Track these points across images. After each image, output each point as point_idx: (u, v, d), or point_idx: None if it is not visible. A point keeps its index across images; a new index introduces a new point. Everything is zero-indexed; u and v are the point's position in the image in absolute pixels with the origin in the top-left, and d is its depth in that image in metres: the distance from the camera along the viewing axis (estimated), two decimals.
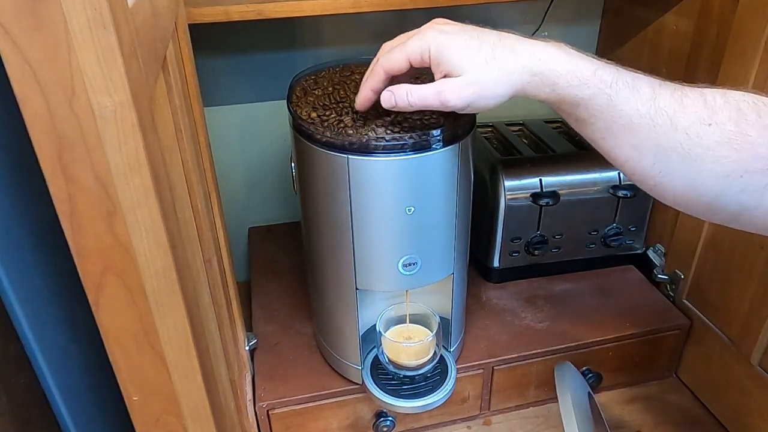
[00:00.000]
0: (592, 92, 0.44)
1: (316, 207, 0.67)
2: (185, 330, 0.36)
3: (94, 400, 0.48)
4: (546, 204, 0.86)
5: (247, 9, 0.68)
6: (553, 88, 0.45)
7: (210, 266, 0.58)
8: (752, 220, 0.44)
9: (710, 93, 0.43)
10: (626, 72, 0.45)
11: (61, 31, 0.26)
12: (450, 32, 0.48)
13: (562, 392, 0.61)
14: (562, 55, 0.45)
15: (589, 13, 1.06)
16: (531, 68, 0.45)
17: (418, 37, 0.49)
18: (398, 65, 0.51)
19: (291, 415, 0.78)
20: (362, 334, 0.74)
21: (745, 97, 0.42)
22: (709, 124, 0.42)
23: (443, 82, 0.47)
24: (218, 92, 0.97)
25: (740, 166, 0.41)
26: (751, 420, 0.80)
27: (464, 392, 0.83)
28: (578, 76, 0.44)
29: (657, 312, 0.89)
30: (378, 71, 0.53)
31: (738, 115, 0.41)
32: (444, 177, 0.62)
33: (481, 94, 0.47)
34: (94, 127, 0.28)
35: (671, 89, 0.44)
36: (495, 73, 0.46)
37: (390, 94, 0.51)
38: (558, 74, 0.45)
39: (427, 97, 0.48)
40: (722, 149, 0.41)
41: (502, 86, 0.46)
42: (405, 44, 0.49)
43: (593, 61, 0.45)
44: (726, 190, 0.42)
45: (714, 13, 0.79)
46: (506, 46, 0.46)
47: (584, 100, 0.45)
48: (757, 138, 0.41)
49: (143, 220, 0.32)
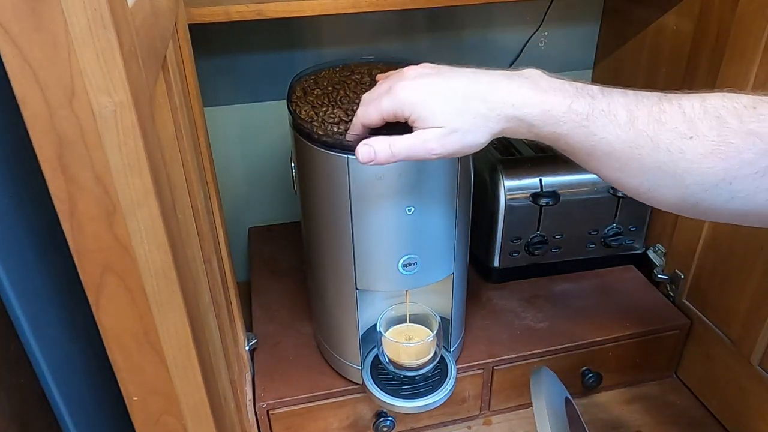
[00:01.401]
0: (569, 127, 0.44)
1: (316, 207, 0.67)
2: (185, 330, 0.36)
3: (94, 400, 0.48)
4: (546, 204, 0.86)
5: (247, 9, 0.68)
6: (530, 129, 0.46)
7: (210, 266, 0.58)
8: (748, 221, 0.44)
9: (688, 103, 0.42)
10: (602, 97, 0.44)
11: (61, 31, 0.26)
12: (420, 89, 0.47)
13: (537, 398, 0.61)
14: (536, 96, 0.45)
15: (589, 13, 1.06)
16: (505, 115, 0.46)
17: (389, 97, 0.48)
18: (373, 122, 0.51)
19: (291, 415, 0.78)
20: (362, 334, 0.74)
21: (724, 101, 0.41)
22: (690, 137, 0.41)
23: (426, 132, 0.47)
24: (218, 92, 0.97)
25: (728, 175, 0.41)
26: (751, 420, 0.80)
27: (464, 392, 0.83)
28: (553, 114, 0.44)
29: (657, 312, 0.89)
30: (356, 124, 0.53)
31: (719, 123, 0.41)
32: (444, 177, 0.62)
33: (462, 142, 0.47)
34: (94, 127, 0.29)
35: (649, 106, 0.43)
36: (470, 122, 0.46)
37: (368, 148, 0.49)
38: (533, 116, 0.45)
39: (413, 147, 0.47)
40: (707, 161, 0.41)
41: (480, 133, 0.47)
42: (379, 103, 0.49)
43: (568, 93, 0.45)
44: (717, 199, 0.42)
45: (714, 13, 0.79)
46: (477, 94, 0.46)
47: (563, 135, 0.45)
48: (741, 144, 0.40)
49: (143, 220, 0.32)
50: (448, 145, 0.47)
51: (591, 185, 0.88)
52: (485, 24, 1.02)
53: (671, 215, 0.91)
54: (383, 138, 0.49)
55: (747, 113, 0.40)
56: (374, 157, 0.49)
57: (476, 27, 1.02)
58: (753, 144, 0.40)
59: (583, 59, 1.09)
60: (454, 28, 1.01)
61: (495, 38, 1.03)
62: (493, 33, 1.04)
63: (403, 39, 1.00)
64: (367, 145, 0.49)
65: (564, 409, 0.63)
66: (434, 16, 1.00)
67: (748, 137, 0.40)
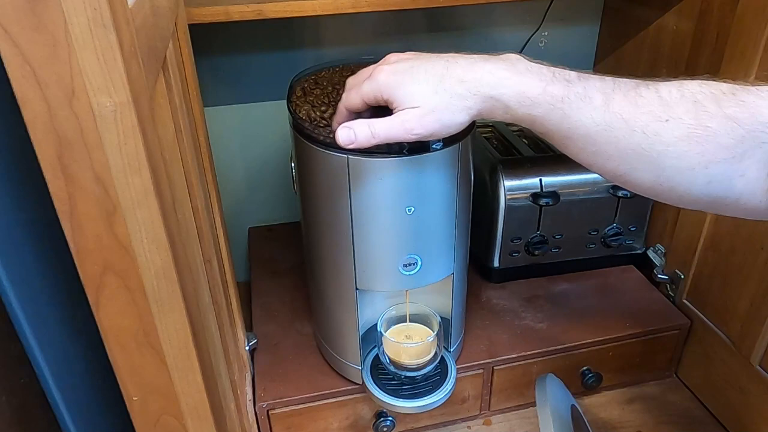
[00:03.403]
0: (545, 110, 0.45)
1: (316, 207, 0.67)
2: (185, 330, 0.36)
3: (94, 400, 0.48)
4: (546, 204, 0.86)
5: (247, 9, 0.68)
6: (506, 110, 0.47)
7: (210, 266, 0.58)
8: (727, 209, 0.44)
9: (665, 88, 0.42)
10: (578, 82, 0.45)
11: (61, 31, 0.26)
12: (398, 71, 0.49)
13: (542, 407, 0.61)
14: (512, 77, 0.46)
15: (589, 13, 1.06)
16: (481, 94, 0.46)
17: (369, 82, 0.50)
18: (356, 106, 0.52)
19: (291, 415, 0.78)
20: (362, 334, 0.74)
21: (702, 87, 0.41)
22: (666, 120, 0.41)
23: (405, 113, 0.48)
24: (218, 92, 0.97)
25: (704, 158, 0.41)
26: (751, 420, 0.80)
27: (464, 392, 0.83)
28: (528, 96, 0.45)
29: (657, 312, 0.89)
30: (341, 109, 0.54)
31: (696, 107, 0.41)
32: (444, 177, 0.62)
33: (441, 121, 0.48)
34: (94, 127, 0.29)
35: (625, 90, 0.43)
36: (446, 102, 0.47)
37: (348, 131, 0.50)
38: (508, 97, 0.46)
39: (392, 128, 0.48)
40: (683, 144, 0.41)
41: (458, 113, 0.48)
42: (360, 87, 0.51)
43: (544, 76, 0.45)
44: (693, 183, 0.42)
45: (714, 13, 0.79)
46: (453, 75, 0.47)
47: (539, 118, 0.46)
48: (717, 128, 0.40)
49: (143, 220, 0.32)
50: (427, 124, 0.48)
51: (591, 185, 0.88)
52: (485, 24, 1.02)
53: (671, 215, 0.91)
54: (363, 120, 0.50)
55: (725, 98, 0.41)
56: (354, 139, 0.50)
57: (476, 27, 1.02)
58: (731, 128, 0.40)
59: (583, 59, 1.09)
60: (454, 28, 1.01)
61: (495, 38, 1.03)
62: (493, 33, 1.04)
63: (403, 39, 1.00)
64: (346, 127, 0.50)
65: (570, 416, 0.62)
66: (434, 16, 1.00)
67: (726, 122, 0.40)
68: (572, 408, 0.65)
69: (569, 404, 0.65)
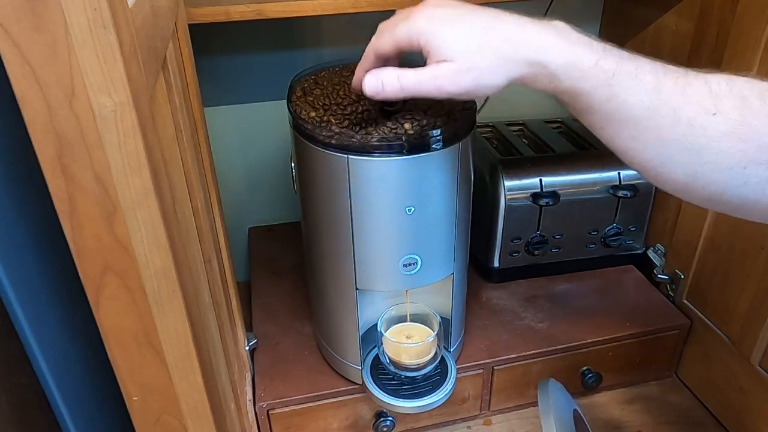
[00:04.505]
0: (593, 84, 0.42)
1: (316, 207, 0.66)
2: (185, 330, 0.36)
3: (94, 400, 0.48)
4: (546, 204, 0.86)
5: (247, 9, 0.68)
6: (551, 79, 0.43)
7: (210, 266, 0.58)
8: (753, 212, 0.43)
9: (714, 79, 0.41)
10: (629, 59, 0.42)
11: (61, 31, 0.26)
12: (440, 18, 0.44)
13: (545, 413, 0.60)
14: (562, 44, 0.42)
15: (589, 13, 1.06)
16: (528, 59, 0.43)
17: (406, 23, 0.46)
18: (387, 50, 0.48)
19: (291, 415, 0.78)
20: (362, 334, 0.74)
21: (749, 84, 0.40)
22: (714, 114, 0.40)
23: (438, 67, 0.44)
24: (218, 92, 0.97)
25: (744, 157, 0.40)
26: (751, 420, 0.80)
27: (464, 392, 0.83)
28: (579, 67, 0.42)
29: (657, 312, 0.89)
30: (369, 54, 0.50)
31: (742, 103, 0.39)
32: (444, 177, 0.62)
33: (478, 81, 0.44)
34: (94, 127, 0.29)
35: (675, 76, 0.41)
36: (489, 60, 0.43)
37: (375, 78, 0.46)
38: (557, 65, 0.42)
39: (423, 82, 0.45)
40: (726, 140, 0.39)
41: (498, 75, 0.44)
42: (394, 29, 0.46)
43: (595, 49, 0.42)
44: (728, 182, 0.41)
45: (714, 13, 0.79)
46: (501, 32, 0.43)
47: (585, 92, 0.42)
48: (760, 126, 0.39)
49: (143, 220, 0.32)
50: (462, 83, 0.44)
51: (591, 185, 0.88)
52: None
53: (671, 215, 0.91)
54: (392, 69, 0.46)
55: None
56: (381, 89, 0.46)
57: None
58: None
59: None
60: None
61: None
62: None
63: None
64: (374, 75, 0.46)
65: (572, 422, 0.62)
66: None
67: None
68: (574, 412, 0.65)
69: (571, 409, 0.65)
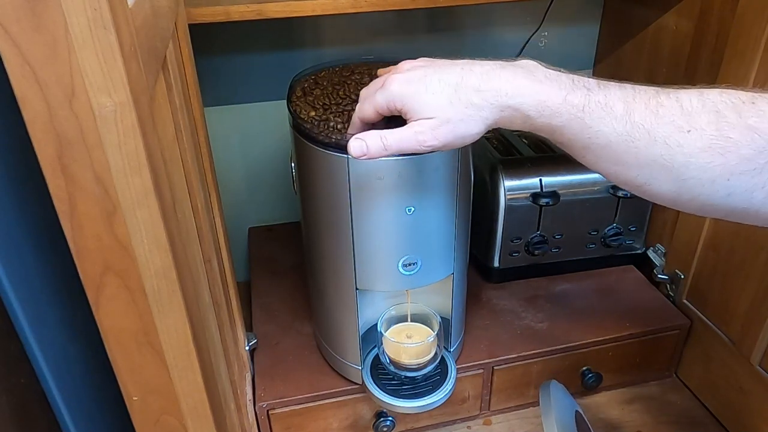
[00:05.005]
0: (565, 119, 0.44)
1: (316, 207, 0.66)
2: (185, 330, 0.36)
3: (94, 400, 0.48)
4: (546, 204, 0.86)
5: (247, 9, 0.68)
6: (525, 120, 0.45)
7: (210, 266, 0.58)
8: (746, 219, 0.43)
9: (686, 96, 0.42)
10: (598, 90, 0.44)
11: (61, 31, 0.26)
12: (411, 80, 0.47)
13: (546, 415, 0.60)
14: (531, 86, 0.44)
15: (589, 13, 1.06)
16: (499, 104, 0.45)
17: (383, 91, 0.48)
18: (369, 116, 0.51)
19: (291, 415, 0.78)
20: (362, 334, 0.74)
21: (722, 96, 0.41)
22: (688, 131, 0.41)
23: (418, 124, 0.47)
24: (218, 92, 0.97)
25: (726, 170, 0.40)
26: (751, 420, 0.80)
27: (464, 392, 0.83)
28: (548, 105, 0.44)
29: (657, 312, 0.89)
30: (355, 120, 0.53)
31: (717, 117, 0.40)
32: (444, 177, 0.62)
33: (456, 132, 0.46)
34: (94, 127, 0.29)
35: (646, 99, 0.42)
36: (462, 113, 0.46)
37: (360, 142, 0.48)
38: (528, 106, 0.44)
39: (405, 140, 0.47)
40: (704, 155, 0.40)
41: (474, 124, 0.46)
42: (373, 98, 0.49)
43: (563, 84, 0.44)
44: (714, 194, 0.42)
45: (714, 13, 0.79)
46: (469, 85, 0.45)
47: (558, 126, 0.44)
48: (739, 139, 0.39)
49: (143, 220, 0.32)
50: (441, 136, 0.47)
51: (591, 185, 0.88)
52: (485, 24, 1.02)
53: (671, 215, 0.91)
54: (375, 132, 0.48)
55: (746, 108, 0.40)
56: (366, 151, 0.48)
57: (476, 27, 1.02)
58: (752, 140, 0.39)
59: (583, 59, 1.09)
60: (454, 28, 1.01)
61: (495, 38, 1.03)
62: (493, 33, 1.04)
63: (403, 39, 1.00)
64: (358, 139, 0.49)
65: (574, 423, 0.62)
66: (434, 16, 1.00)
67: (747, 132, 0.39)
68: (576, 414, 0.65)
69: (573, 410, 0.65)
